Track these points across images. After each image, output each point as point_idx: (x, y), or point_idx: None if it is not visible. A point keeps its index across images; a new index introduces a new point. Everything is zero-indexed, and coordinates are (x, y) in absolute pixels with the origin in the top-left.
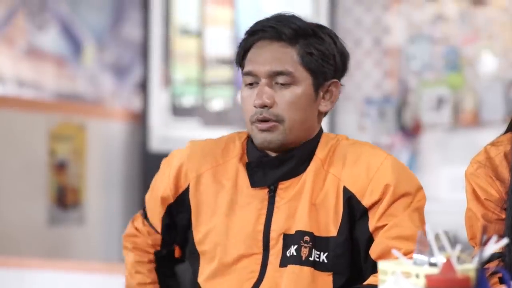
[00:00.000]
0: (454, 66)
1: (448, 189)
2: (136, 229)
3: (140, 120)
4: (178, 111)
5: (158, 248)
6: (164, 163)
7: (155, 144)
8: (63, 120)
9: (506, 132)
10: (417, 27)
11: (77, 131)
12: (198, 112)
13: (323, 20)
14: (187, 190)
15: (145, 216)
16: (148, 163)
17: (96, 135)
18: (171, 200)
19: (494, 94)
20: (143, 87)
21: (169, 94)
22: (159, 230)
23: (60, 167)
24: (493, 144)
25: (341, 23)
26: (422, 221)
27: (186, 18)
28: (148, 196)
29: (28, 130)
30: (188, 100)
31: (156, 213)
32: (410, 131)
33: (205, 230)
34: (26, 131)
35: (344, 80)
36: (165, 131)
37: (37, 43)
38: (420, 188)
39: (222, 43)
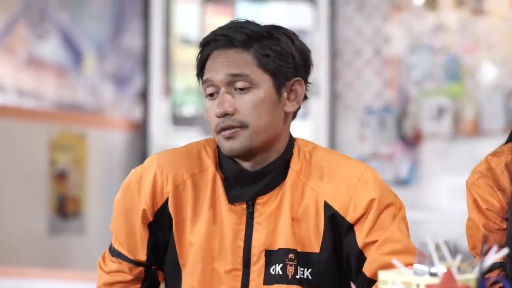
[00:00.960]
0: (454, 75)
1: (448, 198)
2: (111, 273)
3: (140, 129)
4: (179, 120)
5: (140, 283)
6: (129, 184)
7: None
8: (64, 130)
9: (507, 142)
10: (417, 36)
11: (78, 141)
12: (198, 122)
13: (323, 30)
14: (165, 203)
15: (117, 254)
16: None
17: (96, 144)
18: (150, 219)
19: (494, 104)
20: (144, 96)
21: (170, 103)
22: (144, 257)
23: (60, 176)
24: (494, 154)
25: (342, 33)
26: (408, 230)
27: (186, 27)
28: (117, 227)
29: (29, 140)
30: (188, 109)
31: (137, 239)
32: (411, 141)
33: (187, 242)
34: (26, 141)
35: (344, 90)
36: (165, 141)
37: (37, 52)
38: (397, 197)
39: None
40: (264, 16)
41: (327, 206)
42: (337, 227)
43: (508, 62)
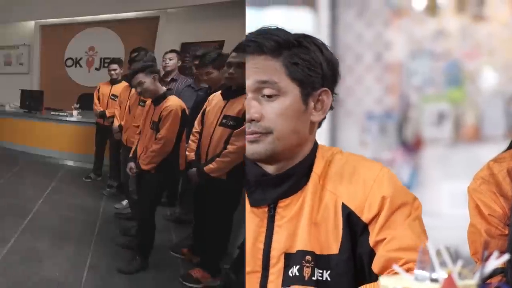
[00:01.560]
0: (455, 81)
1: (449, 204)
2: None
3: None
4: None
5: None
6: None
7: None
8: None
9: (509, 148)
10: (418, 42)
11: None
12: None
13: (324, 36)
14: None
15: None
16: None
17: None
18: None
19: (495, 109)
20: None
21: None
22: None
23: None
24: (496, 160)
25: (342, 38)
26: (423, 230)
27: None
28: None
29: None
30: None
31: None
32: (411, 146)
33: None
34: None
35: (345, 96)
36: None
37: None
38: (416, 198)
39: None
40: (264, 21)
41: (344, 207)
42: (353, 226)
43: (509, 67)
